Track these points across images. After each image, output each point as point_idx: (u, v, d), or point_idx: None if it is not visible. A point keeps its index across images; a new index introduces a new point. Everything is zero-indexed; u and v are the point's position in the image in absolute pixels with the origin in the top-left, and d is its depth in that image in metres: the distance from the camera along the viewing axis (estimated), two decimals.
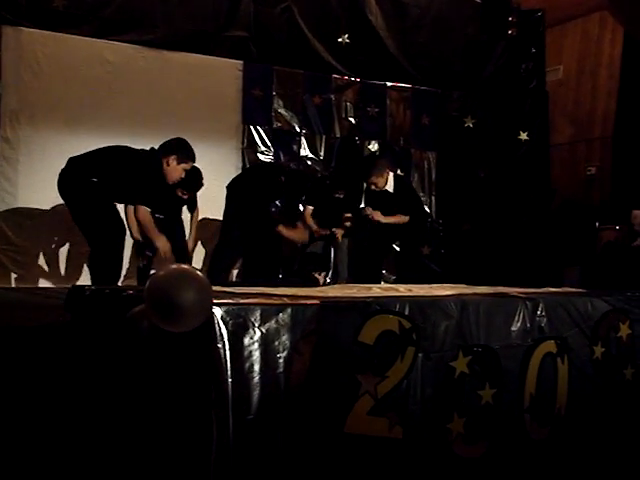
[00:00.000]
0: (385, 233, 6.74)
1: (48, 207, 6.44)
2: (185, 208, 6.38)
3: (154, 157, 5.20)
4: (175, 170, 5.30)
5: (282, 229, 6.43)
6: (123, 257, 5.32)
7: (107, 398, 2.82)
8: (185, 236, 6.41)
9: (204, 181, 6.11)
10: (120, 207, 5.49)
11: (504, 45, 8.60)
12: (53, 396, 3.18)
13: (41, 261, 6.57)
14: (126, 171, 5.05)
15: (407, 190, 6.92)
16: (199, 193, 6.26)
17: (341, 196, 6.74)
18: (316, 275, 5.47)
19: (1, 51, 6.46)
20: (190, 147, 5.41)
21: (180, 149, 5.34)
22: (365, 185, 6.73)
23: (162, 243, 5.30)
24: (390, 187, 6.61)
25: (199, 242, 7.03)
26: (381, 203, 6.62)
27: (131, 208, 5.38)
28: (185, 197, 6.09)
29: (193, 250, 6.60)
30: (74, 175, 5.04)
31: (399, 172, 8.30)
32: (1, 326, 3.66)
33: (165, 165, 5.23)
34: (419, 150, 8.62)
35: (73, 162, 5.11)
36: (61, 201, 5.43)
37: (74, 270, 6.50)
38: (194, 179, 6.01)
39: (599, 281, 6.65)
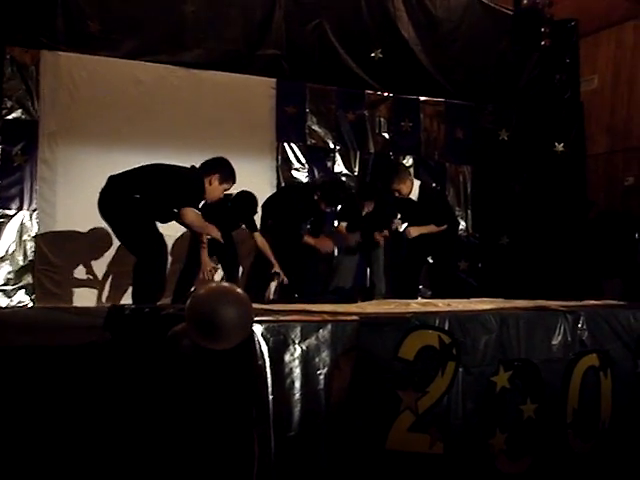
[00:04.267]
0: (420, 246, 6.67)
1: (86, 227, 6.53)
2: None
3: (197, 175, 5.21)
4: (216, 189, 5.30)
5: (308, 239, 6.45)
6: (166, 272, 5.34)
7: (149, 417, 2.85)
8: (237, 257, 6.45)
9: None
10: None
11: (537, 56, 8.56)
12: (95, 416, 3.22)
13: (81, 280, 6.65)
14: (168, 189, 5.06)
15: (434, 199, 6.76)
16: None
17: (370, 209, 6.68)
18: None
19: (39, 75, 6.60)
20: (232, 167, 5.40)
21: (223, 168, 5.34)
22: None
23: (215, 231, 5.37)
24: (415, 195, 6.49)
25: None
26: (406, 211, 6.54)
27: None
28: (240, 224, 6.17)
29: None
30: (115, 193, 5.06)
31: (433, 185, 8.30)
32: (41, 346, 3.72)
33: (207, 184, 5.22)
34: (454, 164, 8.60)
35: (114, 180, 5.13)
36: (100, 224, 5.48)
37: (114, 289, 6.58)
38: (247, 204, 6.08)
39: None
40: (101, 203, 5.10)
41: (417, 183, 6.54)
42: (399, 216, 6.61)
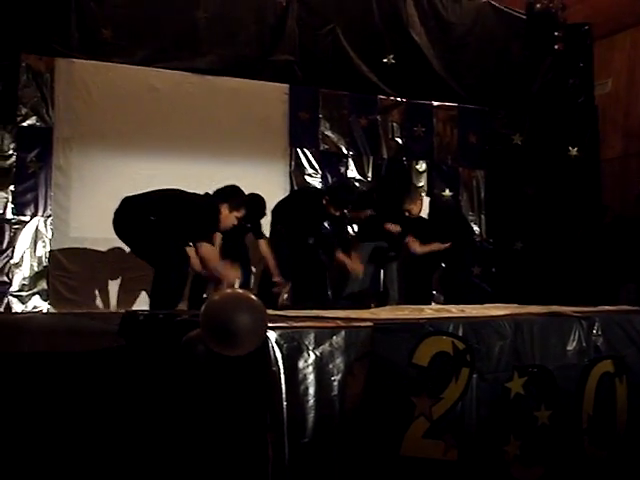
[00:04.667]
0: (433, 252, 6.67)
1: (100, 233, 6.53)
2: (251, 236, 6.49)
3: (211, 204, 5.29)
4: (227, 218, 5.40)
5: (341, 257, 6.46)
6: (186, 284, 5.38)
7: (164, 422, 2.87)
8: (249, 262, 6.47)
9: None
10: None
11: (551, 61, 8.53)
12: (110, 421, 3.24)
13: (96, 286, 6.68)
14: (183, 216, 5.13)
15: (445, 213, 6.80)
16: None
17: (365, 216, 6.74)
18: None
19: (54, 83, 6.66)
20: (242, 194, 5.52)
21: (231, 197, 5.44)
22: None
23: (231, 273, 5.35)
24: (425, 213, 6.53)
25: None
26: (417, 230, 6.57)
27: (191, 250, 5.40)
28: (248, 226, 6.19)
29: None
30: (130, 215, 5.13)
31: (448, 192, 8.30)
32: (57, 352, 3.74)
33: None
34: (467, 169, 8.59)
35: (128, 202, 5.19)
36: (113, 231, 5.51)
37: (128, 295, 6.61)
38: (256, 207, 6.12)
39: None
40: (116, 224, 5.17)
41: (427, 200, 6.60)
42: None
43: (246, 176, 5.79)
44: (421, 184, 8.34)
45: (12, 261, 6.46)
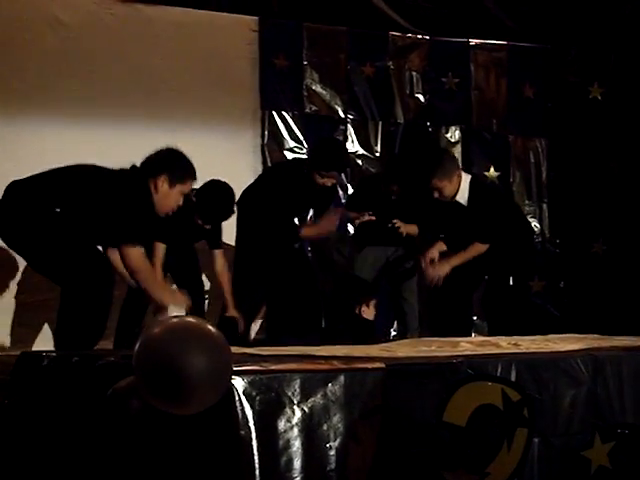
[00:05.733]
0: (473, 259, 6.67)
1: None
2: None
3: (138, 179, 5.23)
4: (167, 197, 5.27)
5: (307, 231, 6.45)
6: (110, 307, 5.36)
7: None
8: (202, 281, 6.48)
9: None
10: None
11: None
12: None
13: None
14: (100, 201, 5.09)
15: (492, 202, 6.76)
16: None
17: (394, 193, 6.68)
18: (363, 310, 5.50)
19: None
20: (186, 159, 5.36)
21: (171, 165, 5.33)
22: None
23: (173, 298, 5.31)
24: (463, 198, 6.47)
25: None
26: (448, 221, 6.55)
27: (115, 252, 5.38)
28: (207, 227, 6.20)
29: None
30: (22, 206, 5.10)
31: (492, 171, 8.33)
32: None
33: (152, 190, 5.23)
34: (521, 137, 8.63)
35: (18, 188, 5.16)
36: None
37: (25, 329, 6.60)
38: (217, 201, 6.10)
39: None
40: (2, 221, 5.13)
41: (467, 178, 6.55)
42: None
43: (197, 153, 5.73)
44: None
45: None
